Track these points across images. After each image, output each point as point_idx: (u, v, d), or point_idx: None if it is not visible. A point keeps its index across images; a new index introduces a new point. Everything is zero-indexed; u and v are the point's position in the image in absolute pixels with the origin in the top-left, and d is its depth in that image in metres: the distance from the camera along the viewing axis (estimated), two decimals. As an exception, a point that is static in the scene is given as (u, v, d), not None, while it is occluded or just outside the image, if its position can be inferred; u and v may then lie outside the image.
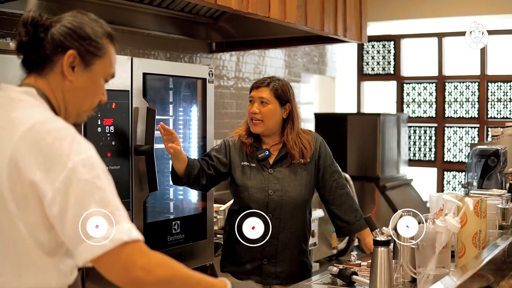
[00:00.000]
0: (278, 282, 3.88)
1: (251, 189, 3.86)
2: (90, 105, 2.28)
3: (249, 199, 3.85)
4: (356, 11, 6.31)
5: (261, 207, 3.81)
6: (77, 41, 2.17)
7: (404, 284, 3.31)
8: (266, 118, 3.86)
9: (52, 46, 2.17)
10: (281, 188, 3.85)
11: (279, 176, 3.87)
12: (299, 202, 3.88)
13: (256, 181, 3.86)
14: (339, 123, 8.38)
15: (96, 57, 2.20)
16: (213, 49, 6.63)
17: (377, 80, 9.68)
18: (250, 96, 3.92)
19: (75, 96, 2.22)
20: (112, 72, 2.29)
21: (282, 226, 3.85)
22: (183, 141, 4.42)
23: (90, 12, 2.34)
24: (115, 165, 3.74)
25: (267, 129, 3.89)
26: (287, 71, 8.18)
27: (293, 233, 3.89)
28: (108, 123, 3.69)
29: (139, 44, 5.71)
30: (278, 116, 3.89)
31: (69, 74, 2.17)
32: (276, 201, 3.83)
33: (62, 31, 2.18)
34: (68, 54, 2.16)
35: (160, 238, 4.11)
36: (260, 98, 3.87)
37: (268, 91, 3.88)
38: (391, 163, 8.45)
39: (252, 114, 3.86)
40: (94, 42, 2.20)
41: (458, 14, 8.55)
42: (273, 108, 3.87)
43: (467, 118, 8.90)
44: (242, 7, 4.68)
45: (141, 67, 3.92)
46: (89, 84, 2.23)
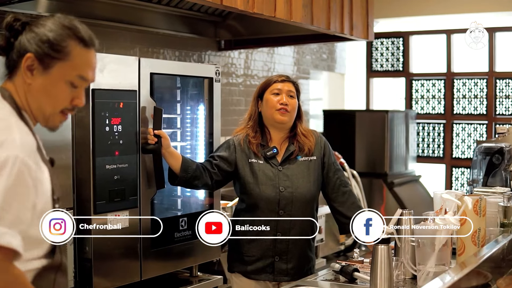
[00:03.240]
0: (289, 278, 3.90)
1: (262, 186, 3.89)
2: (52, 108, 2.31)
3: (260, 196, 3.88)
4: (362, 9, 6.34)
5: (272, 204, 3.86)
6: (36, 45, 2.23)
7: (405, 280, 3.37)
8: (293, 110, 3.95)
9: (18, 50, 2.24)
10: (291, 184, 3.88)
11: (288, 173, 3.91)
12: (308, 198, 3.92)
13: (267, 178, 3.90)
14: (348, 119, 8.42)
15: (55, 60, 2.24)
16: (222, 47, 6.69)
17: (386, 76, 9.71)
18: (276, 89, 3.96)
19: (35, 98, 2.27)
20: (81, 75, 2.30)
21: (293, 223, 3.88)
22: (191, 139, 4.49)
23: (101, 12, 2.38)
24: (123, 163, 3.81)
25: (290, 121, 3.97)
26: (296, 68, 8.23)
27: (303, 229, 3.92)
28: (116, 122, 3.75)
29: (148, 43, 5.77)
30: (296, 110, 3.99)
31: (27, 77, 2.23)
32: (287, 198, 3.87)
33: (28, 36, 2.25)
34: (26, 57, 2.22)
35: (168, 234, 4.17)
36: (289, 91, 3.95)
37: (292, 86, 3.99)
38: (400, 159, 8.49)
39: (282, 105, 3.91)
40: (55, 45, 2.24)
41: (467, 11, 8.56)
42: (296, 102, 3.98)
43: (475, 114, 8.92)
44: (248, 7, 4.73)
45: (149, 67, 3.98)
46: (48, 87, 2.26)
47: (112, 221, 3.75)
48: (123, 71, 3.83)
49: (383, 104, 9.83)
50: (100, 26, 5.18)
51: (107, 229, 3.72)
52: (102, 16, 5.18)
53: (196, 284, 4.39)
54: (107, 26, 5.27)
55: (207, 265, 4.67)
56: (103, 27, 5.23)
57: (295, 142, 3.97)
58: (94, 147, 3.65)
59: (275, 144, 3.97)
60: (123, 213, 3.82)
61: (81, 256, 3.71)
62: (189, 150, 4.49)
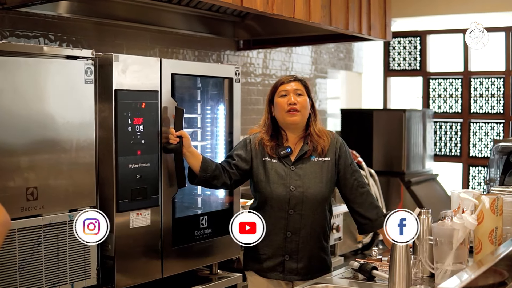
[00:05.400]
0: (299, 277, 3.93)
1: (273, 185, 3.91)
2: None
3: (271, 194, 3.90)
4: (380, 9, 6.37)
5: (283, 203, 3.89)
6: None
7: (423, 278, 3.41)
8: (303, 108, 3.93)
9: None
10: (302, 184, 3.90)
11: (301, 172, 3.92)
12: (319, 199, 3.93)
13: (278, 176, 3.91)
14: (365, 118, 8.45)
15: None
16: (241, 46, 6.73)
17: (403, 75, 9.73)
18: (283, 90, 3.95)
19: None
20: None
21: (304, 222, 3.90)
22: (211, 138, 4.54)
23: (121, 13, 2.41)
24: (145, 163, 3.87)
25: (303, 120, 3.95)
26: (314, 67, 8.27)
27: (314, 230, 3.94)
28: (138, 122, 3.81)
29: (168, 43, 5.82)
30: (308, 108, 3.98)
31: None
32: (297, 197, 3.88)
33: None
34: None
35: (188, 232, 4.23)
36: (296, 90, 3.94)
37: (300, 84, 3.98)
38: (417, 158, 8.50)
39: (290, 105, 3.90)
40: None
41: (484, 10, 8.55)
42: (307, 99, 3.96)
43: (492, 113, 8.93)
44: (268, 8, 4.77)
45: (170, 67, 4.04)
46: None
47: (134, 219, 3.81)
48: (145, 72, 3.88)
49: (401, 103, 9.85)
50: (120, 26, 5.25)
51: (129, 227, 3.79)
52: (122, 17, 5.25)
53: (215, 281, 4.44)
54: (127, 26, 5.33)
55: (226, 263, 4.72)
56: (124, 28, 5.30)
57: (309, 141, 3.97)
58: (117, 147, 3.71)
59: (291, 144, 3.98)
60: (145, 212, 3.87)
61: (103, 254, 3.77)
62: (209, 149, 4.54)
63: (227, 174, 3.97)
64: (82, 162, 3.63)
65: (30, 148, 3.38)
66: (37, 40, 4.64)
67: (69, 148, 3.55)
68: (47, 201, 3.44)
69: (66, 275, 3.54)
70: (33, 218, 3.38)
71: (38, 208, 3.40)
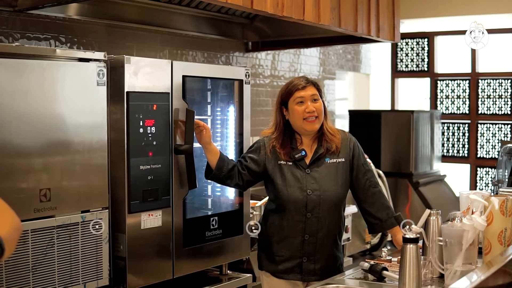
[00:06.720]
0: (317, 278, 3.93)
1: (290, 188, 3.91)
2: None
3: (288, 198, 3.91)
4: (389, 12, 6.38)
5: (300, 206, 3.89)
6: None
7: (433, 279, 3.43)
8: (320, 113, 3.93)
9: None
10: (318, 187, 3.90)
11: (316, 175, 3.92)
12: (335, 201, 3.94)
13: (295, 180, 3.92)
14: (373, 119, 8.47)
15: None
16: (249, 48, 6.75)
17: (411, 77, 9.75)
18: (299, 97, 3.92)
19: None
20: None
21: (321, 225, 3.91)
22: (221, 139, 4.56)
23: (131, 15, 2.41)
24: (156, 164, 3.89)
25: (320, 124, 3.95)
26: (322, 68, 8.29)
27: (330, 231, 3.96)
28: (149, 124, 3.84)
29: (178, 45, 5.85)
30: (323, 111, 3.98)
31: None
32: (314, 201, 3.89)
33: None
34: None
35: (199, 233, 4.25)
36: (312, 96, 3.93)
37: (314, 88, 3.96)
38: (425, 159, 8.52)
39: (309, 113, 3.89)
40: None
41: (491, 12, 8.58)
42: (322, 103, 3.96)
43: (500, 115, 8.94)
44: (277, 10, 4.80)
45: (181, 70, 4.06)
46: None
47: (146, 220, 3.84)
48: (156, 74, 3.91)
49: (408, 104, 9.86)
50: (130, 28, 5.28)
51: (141, 228, 3.82)
52: (132, 19, 5.28)
53: (225, 282, 4.46)
54: (137, 28, 5.36)
55: (236, 264, 4.74)
56: (133, 30, 5.32)
57: (323, 142, 3.97)
58: (128, 148, 3.74)
59: (305, 147, 3.98)
60: (156, 213, 3.90)
61: (115, 255, 3.79)
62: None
63: (240, 176, 4.00)
64: (95, 163, 3.65)
65: (43, 150, 3.41)
66: (48, 42, 4.67)
67: (82, 149, 3.58)
68: (60, 202, 3.47)
69: (79, 276, 3.57)
70: (46, 219, 3.40)
71: (51, 209, 3.42)
